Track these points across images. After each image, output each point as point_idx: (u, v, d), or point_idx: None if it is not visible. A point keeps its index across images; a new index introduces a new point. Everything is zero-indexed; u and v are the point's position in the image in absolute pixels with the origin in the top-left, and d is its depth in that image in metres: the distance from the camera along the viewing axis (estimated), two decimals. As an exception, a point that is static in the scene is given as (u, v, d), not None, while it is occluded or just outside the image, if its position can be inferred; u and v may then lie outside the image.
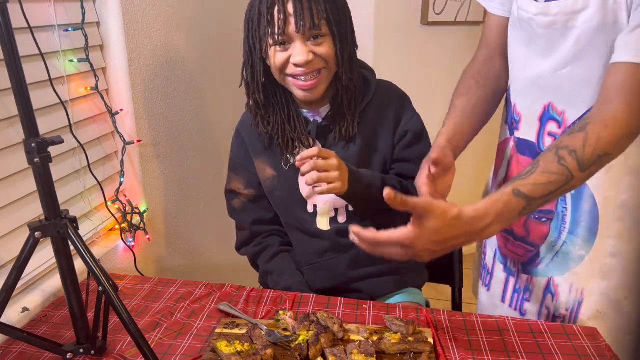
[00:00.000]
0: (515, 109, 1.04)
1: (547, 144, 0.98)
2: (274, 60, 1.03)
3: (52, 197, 0.84)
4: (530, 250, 1.07)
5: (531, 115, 1.00)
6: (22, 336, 0.88)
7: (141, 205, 1.37)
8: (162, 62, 1.40)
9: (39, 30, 1.06)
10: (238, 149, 1.22)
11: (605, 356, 0.90)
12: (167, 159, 1.47)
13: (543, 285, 1.06)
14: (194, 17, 1.56)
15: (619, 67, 0.81)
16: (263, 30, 1.00)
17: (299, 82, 1.03)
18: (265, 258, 1.21)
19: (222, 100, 1.79)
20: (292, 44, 1.00)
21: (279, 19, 0.98)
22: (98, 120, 1.25)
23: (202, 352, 0.91)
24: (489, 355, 0.91)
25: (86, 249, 0.86)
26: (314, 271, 1.18)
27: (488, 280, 1.19)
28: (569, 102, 0.94)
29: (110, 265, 1.27)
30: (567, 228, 1.00)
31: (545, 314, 1.07)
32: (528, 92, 1.00)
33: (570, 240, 1.00)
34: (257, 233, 1.23)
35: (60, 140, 0.83)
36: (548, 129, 0.98)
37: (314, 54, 1.00)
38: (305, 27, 0.97)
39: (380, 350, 0.89)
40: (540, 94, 0.97)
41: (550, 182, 0.80)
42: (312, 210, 1.16)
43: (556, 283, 1.04)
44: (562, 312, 1.05)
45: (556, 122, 0.96)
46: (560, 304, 1.04)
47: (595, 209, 0.97)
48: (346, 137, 1.10)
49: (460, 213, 0.77)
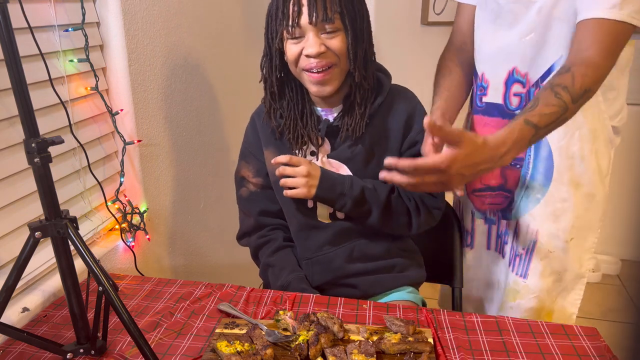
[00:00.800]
0: (484, 77, 1.19)
1: (513, 103, 1.15)
2: (289, 53, 1.05)
3: (52, 197, 0.84)
4: (507, 196, 1.22)
5: (498, 81, 1.16)
6: (22, 336, 0.88)
7: (141, 205, 1.37)
8: (162, 62, 1.40)
9: (39, 30, 1.06)
10: (251, 137, 1.23)
11: (605, 356, 0.90)
12: (167, 159, 1.47)
13: (513, 227, 1.22)
14: (194, 17, 1.56)
15: (589, 22, 0.96)
16: (279, 22, 1.02)
17: (314, 75, 1.04)
18: (268, 251, 1.21)
19: (222, 100, 1.79)
20: (306, 36, 1.02)
21: (293, 11, 1.00)
22: (98, 120, 1.25)
23: (202, 352, 0.91)
24: (489, 355, 0.91)
25: (86, 249, 0.86)
26: (311, 265, 1.19)
27: (469, 240, 1.34)
28: (531, 65, 1.10)
29: (110, 265, 1.27)
30: (529, 173, 1.16)
31: (511, 253, 1.24)
32: (494, 61, 1.16)
33: (531, 184, 1.16)
34: (262, 224, 1.24)
35: (60, 140, 0.83)
36: (513, 90, 1.14)
37: (326, 46, 1.02)
38: (317, 19, 0.99)
39: (380, 350, 0.89)
40: (506, 61, 1.13)
41: (552, 112, 0.93)
42: (312, 205, 1.17)
43: (519, 224, 1.20)
44: (519, 251, 1.21)
45: (520, 83, 1.13)
46: (519, 243, 1.20)
47: (550, 157, 1.13)
48: (353, 136, 1.11)
49: (485, 140, 0.88)
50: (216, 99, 1.74)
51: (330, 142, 1.14)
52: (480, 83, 1.21)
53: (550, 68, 1.08)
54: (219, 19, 1.73)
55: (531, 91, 1.12)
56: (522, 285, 1.21)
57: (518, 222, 1.21)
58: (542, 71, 1.09)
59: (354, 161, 1.13)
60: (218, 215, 1.82)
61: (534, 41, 1.08)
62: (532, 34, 1.08)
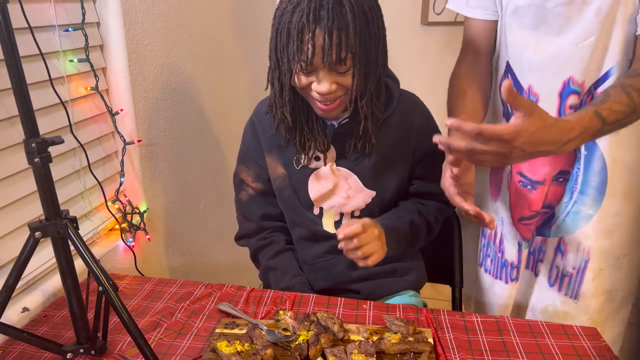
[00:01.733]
0: (531, 90, 1.08)
1: None
2: (298, 82, 1.00)
3: (52, 197, 0.84)
4: (546, 212, 1.14)
5: (550, 93, 1.05)
6: (22, 336, 0.88)
7: (141, 205, 1.37)
8: (162, 62, 1.40)
9: (39, 30, 1.05)
10: (251, 140, 1.20)
11: (605, 356, 0.90)
12: (167, 159, 1.47)
13: (554, 245, 1.14)
14: (194, 17, 1.56)
15: None
16: (291, 52, 0.97)
17: (321, 104, 1.02)
18: (269, 254, 1.20)
19: (222, 100, 1.79)
20: (317, 71, 0.98)
21: (307, 49, 0.94)
22: (98, 120, 1.25)
23: (202, 352, 0.91)
24: (489, 355, 0.91)
25: (86, 249, 0.86)
26: (313, 271, 1.18)
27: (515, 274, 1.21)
28: (588, 72, 1.01)
29: (110, 265, 1.27)
30: (578, 188, 1.09)
31: (555, 272, 1.15)
32: (545, 71, 1.05)
33: (581, 200, 1.09)
34: (264, 228, 1.23)
35: (61, 140, 0.83)
36: (569, 102, 1.04)
37: (337, 84, 0.99)
38: (331, 62, 0.95)
39: (380, 350, 0.89)
40: (559, 70, 1.03)
41: (621, 110, 0.90)
42: (318, 212, 1.16)
43: (566, 242, 1.12)
44: (569, 270, 1.13)
45: (576, 94, 1.03)
46: (568, 262, 1.12)
47: (604, 169, 1.05)
48: (362, 150, 1.09)
49: (556, 120, 0.86)
50: (216, 98, 1.74)
51: (337, 148, 1.12)
52: (528, 97, 1.10)
53: (606, 74, 1.01)
54: (220, 18, 1.73)
55: (584, 100, 1.04)
56: (574, 306, 1.14)
57: (564, 239, 1.13)
58: (597, 77, 1.02)
59: (363, 170, 1.12)
60: (218, 215, 1.82)
61: (593, 45, 1.00)
62: (591, 38, 0.99)
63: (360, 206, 1.14)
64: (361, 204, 1.14)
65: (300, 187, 1.15)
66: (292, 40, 0.95)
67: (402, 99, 1.12)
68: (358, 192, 1.13)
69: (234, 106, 1.88)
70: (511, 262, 1.21)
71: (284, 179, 1.16)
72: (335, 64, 0.95)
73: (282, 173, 1.16)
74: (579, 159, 1.07)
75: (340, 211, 1.15)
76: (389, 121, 1.10)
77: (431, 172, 1.13)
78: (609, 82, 1.00)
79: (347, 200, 1.14)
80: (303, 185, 1.14)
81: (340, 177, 1.13)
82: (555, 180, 1.11)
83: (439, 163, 1.13)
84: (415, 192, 1.18)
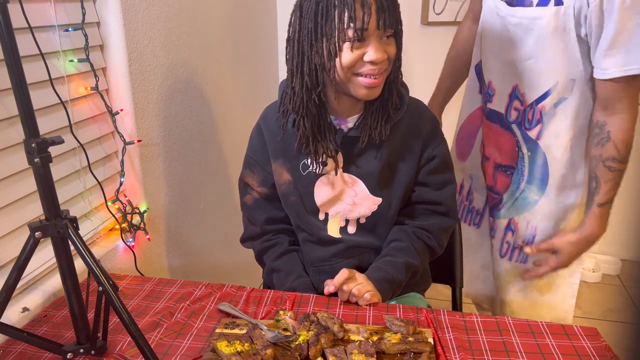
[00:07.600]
0: (491, 85, 1.30)
1: (512, 116, 1.27)
2: (345, 57, 0.98)
3: (52, 197, 0.84)
4: (495, 197, 1.38)
5: (503, 92, 1.27)
6: (22, 336, 0.88)
7: (141, 205, 1.37)
8: (162, 62, 1.40)
9: (39, 30, 1.06)
10: (257, 145, 1.19)
11: (606, 356, 0.90)
12: (167, 159, 1.47)
13: (504, 225, 1.37)
14: (194, 17, 1.56)
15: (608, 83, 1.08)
16: (342, 26, 0.96)
17: (368, 79, 1.00)
18: (273, 255, 1.20)
19: (222, 100, 1.79)
20: (367, 41, 0.98)
21: (363, 14, 0.94)
22: (98, 120, 1.25)
23: (202, 352, 0.91)
24: (489, 355, 0.91)
25: (86, 249, 0.86)
26: (319, 274, 1.18)
27: (478, 220, 1.50)
28: (529, 87, 1.21)
29: (110, 265, 1.27)
30: (525, 179, 1.30)
31: (506, 247, 1.38)
32: (501, 74, 1.26)
33: (528, 188, 1.30)
34: (267, 231, 1.23)
35: (61, 140, 0.83)
36: (514, 105, 1.26)
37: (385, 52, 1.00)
38: (386, 25, 0.97)
39: (380, 350, 0.89)
40: (511, 76, 1.23)
41: (612, 187, 1.14)
42: (324, 218, 1.16)
43: (515, 221, 1.34)
44: (519, 243, 1.35)
45: (519, 100, 1.24)
46: (519, 237, 1.35)
47: (546, 164, 1.26)
48: (373, 144, 1.09)
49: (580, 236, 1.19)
50: (216, 99, 1.74)
51: (345, 153, 1.11)
52: (487, 90, 1.30)
53: (545, 93, 1.18)
54: (220, 18, 1.73)
55: (527, 111, 1.22)
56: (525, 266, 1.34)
57: (514, 219, 1.35)
58: (538, 95, 1.19)
59: (370, 177, 1.11)
60: (218, 215, 1.82)
61: (531, 67, 1.17)
62: (530, 60, 1.17)
63: (366, 213, 1.14)
64: (367, 211, 1.14)
65: (306, 193, 1.14)
66: (344, 10, 0.95)
67: (411, 105, 1.12)
68: (364, 199, 1.13)
69: (234, 106, 1.88)
70: (477, 209, 1.48)
71: (289, 185, 1.15)
72: (389, 27, 0.98)
73: (287, 179, 1.15)
74: (522, 158, 1.28)
75: (346, 217, 1.15)
76: (397, 127, 1.10)
77: (433, 179, 1.13)
78: (548, 101, 1.17)
79: (353, 207, 1.14)
80: (309, 191, 1.14)
81: (347, 184, 1.13)
82: (503, 171, 1.34)
83: (442, 171, 1.14)
84: (416, 200, 1.16)
